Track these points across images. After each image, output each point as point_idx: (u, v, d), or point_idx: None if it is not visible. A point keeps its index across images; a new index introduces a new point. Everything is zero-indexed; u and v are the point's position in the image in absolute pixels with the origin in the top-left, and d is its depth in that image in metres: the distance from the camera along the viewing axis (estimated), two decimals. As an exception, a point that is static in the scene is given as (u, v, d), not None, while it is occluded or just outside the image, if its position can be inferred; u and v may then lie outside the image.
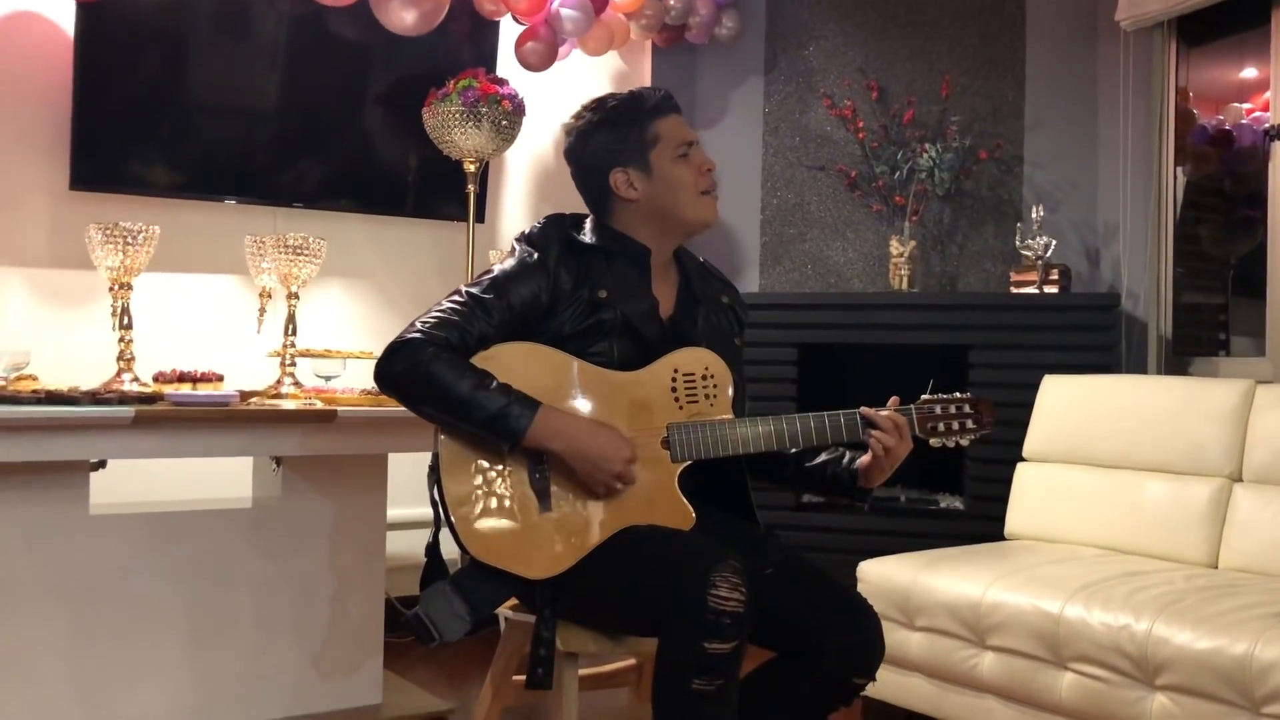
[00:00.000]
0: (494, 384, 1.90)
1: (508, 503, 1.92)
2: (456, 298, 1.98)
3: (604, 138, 2.07)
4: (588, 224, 2.10)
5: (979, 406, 2.07)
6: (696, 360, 2.02)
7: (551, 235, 2.04)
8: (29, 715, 2.53)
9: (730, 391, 2.02)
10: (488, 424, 1.88)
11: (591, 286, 2.00)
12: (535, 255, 2.01)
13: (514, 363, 1.95)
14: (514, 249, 2.05)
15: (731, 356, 2.09)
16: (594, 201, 2.12)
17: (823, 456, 2.13)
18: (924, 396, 2.07)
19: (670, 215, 2.07)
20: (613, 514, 1.93)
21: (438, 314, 1.96)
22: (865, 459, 2.05)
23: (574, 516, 1.92)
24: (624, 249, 2.06)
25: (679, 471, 1.96)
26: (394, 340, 1.95)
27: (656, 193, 2.06)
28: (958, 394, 2.08)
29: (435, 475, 1.95)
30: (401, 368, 1.91)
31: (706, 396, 2.00)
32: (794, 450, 2.10)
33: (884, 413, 2.01)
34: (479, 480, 1.92)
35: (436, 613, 1.91)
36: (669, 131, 2.06)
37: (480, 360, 1.94)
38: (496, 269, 2.02)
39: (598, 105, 2.10)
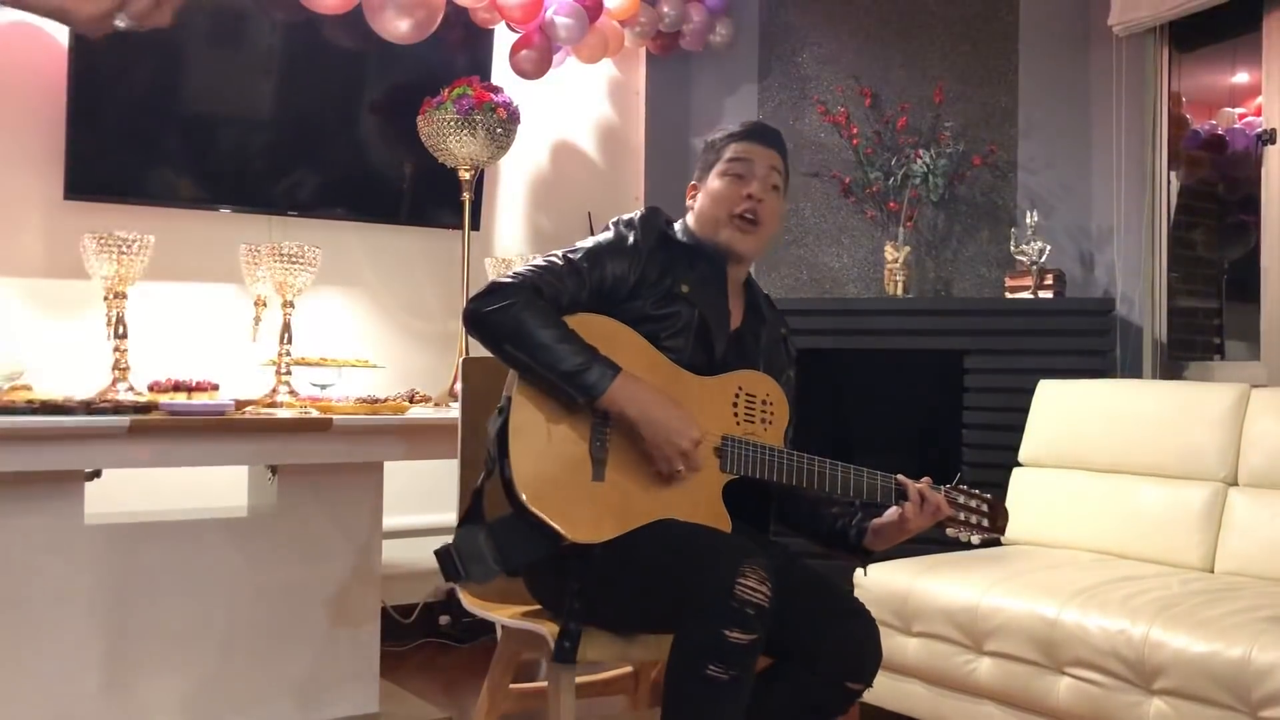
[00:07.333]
0: (578, 340, 1.91)
1: (564, 461, 1.90)
2: (554, 259, 2.01)
3: (700, 155, 2.20)
4: (679, 224, 2.17)
5: (996, 510, 2.13)
6: (759, 384, 2.07)
7: (650, 224, 2.10)
8: (24, 726, 2.53)
9: (786, 422, 2.07)
10: (568, 376, 1.88)
11: (674, 280, 2.05)
12: (632, 238, 2.05)
13: (603, 331, 1.97)
14: (609, 228, 2.09)
15: (784, 389, 2.14)
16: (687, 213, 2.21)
17: (835, 509, 2.15)
18: (953, 485, 2.10)
19: (711, 230, 2.12)
20: (658, 504, 1.93)
21: (537, 267, 1.98)
22: (882, 519, 2.08)
23: (621, 495, 1.92)
24: (704, 250, 2.12)
25: (725, 481, 1.98)
26: (494, 279, 1.98)
27: (704, 206, 2.14)
28: (981, 493, 2.13)
29: (504, 416, 1.93)
30: (495, 304, 1.92)
31: (763, 420, 2.05)
32: (821, 491, 2.06)
33: (918, 486, 2.03)
34: (543, 433, 1.91)
35: (468, 552, 1.88)
36: (737, 151, 2.12)
37: (571, 322, 1.95)
38: (592, 241, 2.06)
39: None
